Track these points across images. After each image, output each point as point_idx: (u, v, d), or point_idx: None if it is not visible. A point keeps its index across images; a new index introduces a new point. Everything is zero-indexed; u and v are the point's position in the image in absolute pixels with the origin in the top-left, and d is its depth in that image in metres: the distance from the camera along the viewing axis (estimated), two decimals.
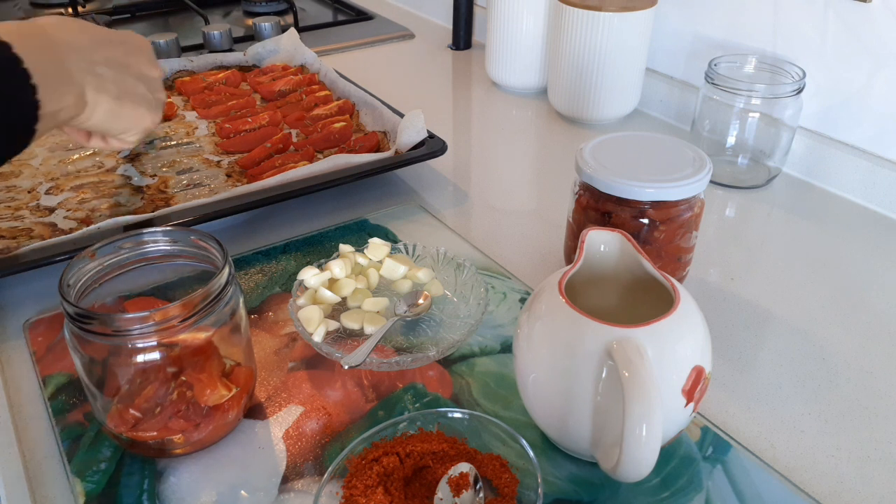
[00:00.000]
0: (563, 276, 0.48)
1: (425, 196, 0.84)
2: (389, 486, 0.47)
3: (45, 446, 0.53)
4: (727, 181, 0.87)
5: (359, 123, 0.96)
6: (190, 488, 0.49)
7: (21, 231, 0.73)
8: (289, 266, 0.71)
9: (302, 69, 1.09)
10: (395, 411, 0.55)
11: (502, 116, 1.05)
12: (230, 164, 0.86)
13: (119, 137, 0.60)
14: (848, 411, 0.56)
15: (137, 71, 0.58)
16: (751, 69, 0.87)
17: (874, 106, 0.81)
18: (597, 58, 0.94)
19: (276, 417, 0.55)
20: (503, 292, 0.67)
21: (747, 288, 0.70)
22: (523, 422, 0.54)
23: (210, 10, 1.42)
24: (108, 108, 0.56)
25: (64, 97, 0.51)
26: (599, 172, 0.61)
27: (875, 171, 0.81)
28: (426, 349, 0.60)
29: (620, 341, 0.43)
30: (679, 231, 0.63)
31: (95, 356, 0.47)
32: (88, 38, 0.54)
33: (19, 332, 0.63)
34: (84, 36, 0.54)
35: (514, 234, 0.78)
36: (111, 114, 0.56)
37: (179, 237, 0.53)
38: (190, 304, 0.47)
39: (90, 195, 0.79)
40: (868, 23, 0.79)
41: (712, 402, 0.57)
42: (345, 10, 1.49)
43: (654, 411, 0.41)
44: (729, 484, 0.50)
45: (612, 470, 0.44)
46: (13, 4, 1.47)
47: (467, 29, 1.28)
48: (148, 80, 0.60)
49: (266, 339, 0.62)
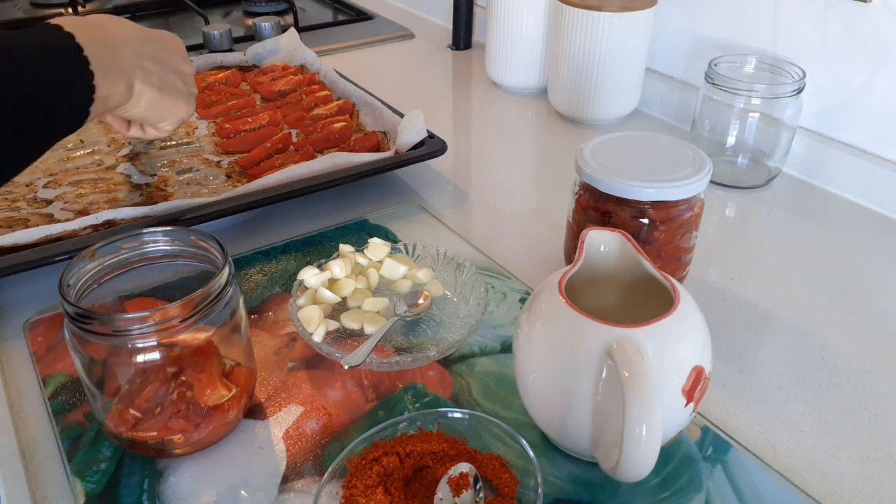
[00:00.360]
0: (563, 276, 0.48)
1: (425, 196, 0.84)
2: (389, 486, 0.47)
3: (45, 446, 0.53)
4: (727, 181, 0.87)
5: (359, 123, 0.96)
6: (190, 488, 0.49)
7: (17, 221, 0.73)
8: (289, 266, 0.71)
9: (302, 69, 1.09)
10: (395, 411, 0.55)
11: (502, 116, 1.05)
12: (230, 164, 0.86)
13: (157, 126, 0.65)
14: (848, 411, 0.56)
15: (175, 67, 0.64)
16: (751, 69, 0.87)
17: (874, 106, 0.81)
18: (597, 58, 0.94)
19: (276, 417, 0.55)
20: (503, 292, 0.67)
21: (747, 288, 0.70)
22: (523, 422, 0.54)
23: (210, 10, 1.42)
24: (151, 98, 0.60)
25: (115, 85, 0.56)
26: (599, 172, 0.61)
27: (875, 171, 0.81)
28: (426, 349, 0.60)
29: (620, 341, 0.43)
30: (679, 231, 0.63)
31: (95, 356, 0.47)
32: (135, 34, 0.60)
33: (19, 332, 0.63)
34: (132, 33, 0.59)
35: (514, 234, 0.78)
36: (153, 104, 0.61)
37: (179, 237, 0.53)
38: (190, 304, 0.47)
39: (88, 190, 0.79)
40: (868, 23, 0.79)
41: (712, 402, 0.57)
42: (345, 10, 1.49)
43: (654, 411, 0.41)
44: (729, 484, 0.50)
45: (612, 470, 0.44)
46: (13, 4, 1.47)
47: (467, 29, 1.28)
48: (183, 74, 0.65)
49: (266, 339, 0.62)
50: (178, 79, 0.64)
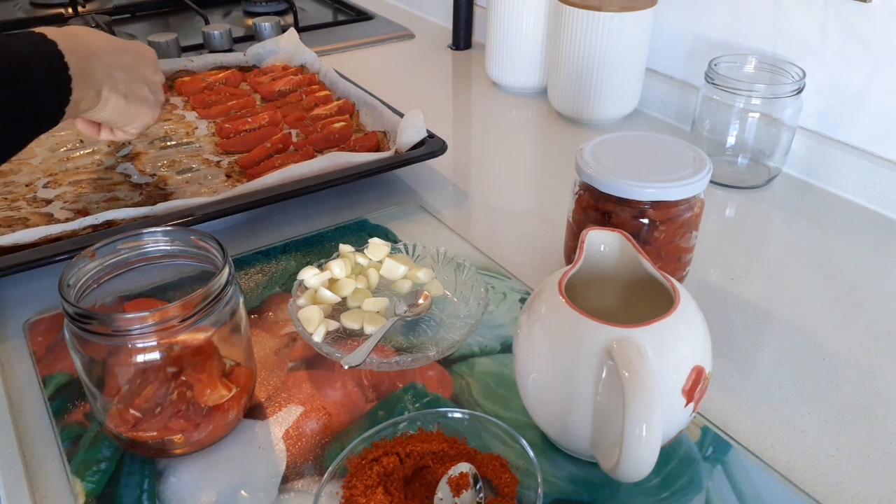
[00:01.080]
0: (563, 276, 0.48)
1: (425, 196, 0.84)
2: (389, 486, 0.47)
3: (45, 446, 0.53)
4: (727, 181, 0.87)
5: (359, 123, 0.96)
6: (190, 488, 0.49)
7: (17, 220, 0.73)
8: (289, 266, 0.71)
9: (302, 69, 1.09)
10: (395, 411, 0.55)
11: (502, 116, 1.05)
12: (230, 164, 0.86)
13: (123, 129, 0.72)
14: (848, 411, 0.56)
15: (143, 76, 0.71)
16: (751, 69, 0.87)
17: (874, 106, 0.81)
18: (597, 58, 0.94)
19: (276, 417, 0.55)
20: (503, 292, 0.67)
21: (747, 288, 0.70)
22: (523, 422, 0.54)
23: (210, 10, 1.42)
24: (117, 104, 0.67)
25: (87, 90, 0.63)
26: (599, 172, 0.61)
27: (875, 171, 0.81)
28: (426, 349, 0.60)
29: (620, 341, 0.43)
30: (679, 231, 0.63)
31: (95, 356, 0.47)
32: (108, 45, 0.67)
33: (19, 332, 0.63)
34: (106, 44, 0.66)
35: (514, 234, 0.78)
36: (119, 109, 0.68)
37: (179, 237, 0.53)
38: (190, 304, 0.47)
39: (88, 189, 0.80)
40: (868, 23, 0.79)
41: (712, 402, 0.57)
42: (345, 10, 1.49)
43: (654, 411, 0.41)
44: (729, 484, 0.50)
45: (612, 470, 0.44)
46: (13, 4, 1.47)
47: (467, 29, 1.28)
48: (151, 84, 0.72)
49: (266, 339, 0.62)
50: (145, 87, 0.71)
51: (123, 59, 0.68)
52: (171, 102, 1.01)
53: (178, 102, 1.01)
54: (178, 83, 1.04)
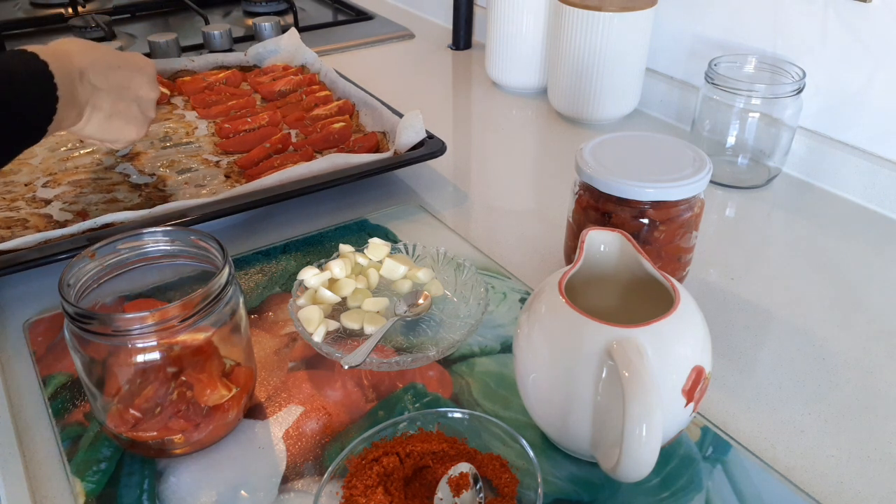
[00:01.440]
0: (563, 276, 0.48)
1: (425, 196, 0.84)
2: (389, 486, 0.47)
3: (45, 446, 0.53)
4: (727, 181, 0.87)
5: (359, 124, 0.96)
6: (190, 488, 0.49)
7: (16, 221, 0.73)
8: (289, 266, 0.71)
9: (302, 69, 1.09)
10: (395, 411, 0.55)
11: (502, 116, 1.05)
12: (229, 164, 0.86)
13: (106, 144, 0.74)
14: (848, 411, 0.56)
15: (135, 93, 0.72)
16: (751, 69, 0.87)
17: (874, 106, 0.81)
18: (597, 58, 0.94)
19: (276, 417, 0.55)
20: (503, 292, 0.67)
21: (747, 288, 0.70)
22: (523, 422, 0.54)
23: (210, 10, 1.42)
24: (98, 124, 0.69)
25: (70, 111, 0.64)
26: (599, 172, 0.61)
27: (875, 171, 0.81)
28: (426, 349, 0.60)
29: (620, 341, 0.43)
30: (679, 231, 0.63)
31: (95, 356, 0.47)
32: (103, 61, 0.68)
33: (19, 332, 0.63)
34: (101, 60, 0.68)
35: (513, 234, 0.78)
36: (100, 127, 0.70)
37: (179, 237, 0.53)
38: (190, 304, 0.47)
39: (87, 190, 0.80)
40: (868, 23, 0.79)
41: (712, 402, 0.57)
42: (345, 10, 1.49)
43: (654, 411, 0.41)
44: (729, 484, 0.50)
45: (612, 470, 0.44)
46: (13, 4, 1.47)
47: (467, 29, 1.28)
48: (142, 100, 0.73)
49: (266, 339, 0.62)
50: (134, 105, 0.72)
51: (116, 76, 0.69)
52: (172, 102, 1.01)
53: (178, 102, 1.01)
54: (179, 83, 1.04)
